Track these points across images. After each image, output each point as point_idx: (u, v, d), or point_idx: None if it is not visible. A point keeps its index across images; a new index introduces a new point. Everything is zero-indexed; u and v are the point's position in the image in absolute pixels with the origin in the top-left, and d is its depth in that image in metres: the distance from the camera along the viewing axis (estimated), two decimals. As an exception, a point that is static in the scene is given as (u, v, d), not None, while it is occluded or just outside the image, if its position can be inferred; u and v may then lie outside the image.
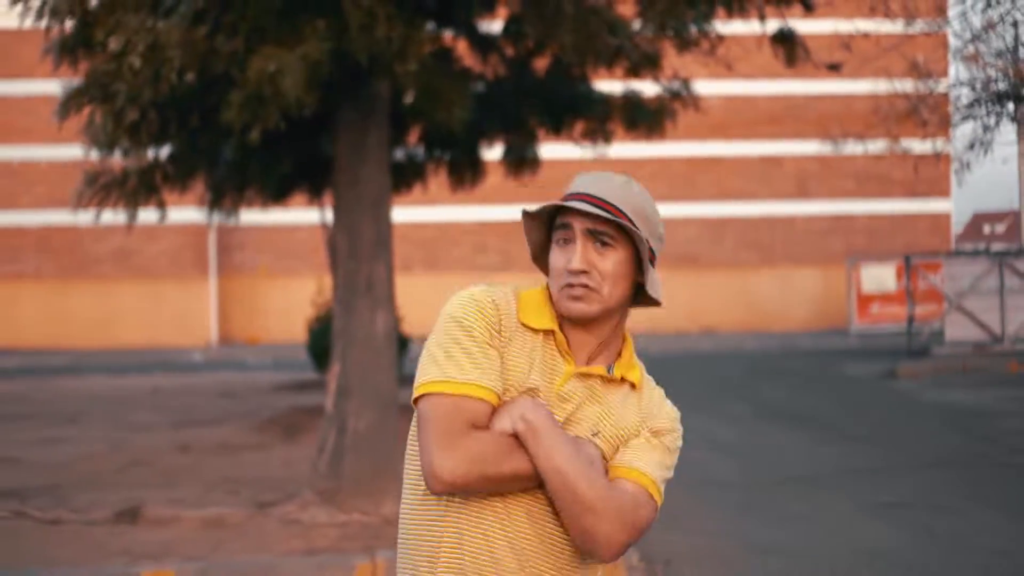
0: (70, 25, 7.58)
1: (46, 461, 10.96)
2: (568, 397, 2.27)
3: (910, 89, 18.49)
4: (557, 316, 2.31)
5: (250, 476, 9.82)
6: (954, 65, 19.42)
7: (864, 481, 9.67)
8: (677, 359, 21.70)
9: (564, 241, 2.27)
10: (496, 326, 2.25)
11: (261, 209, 12.33)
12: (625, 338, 2.39)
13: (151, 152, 9.50)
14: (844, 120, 27.37)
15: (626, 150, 18.05)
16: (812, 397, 16.19)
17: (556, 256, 2.29)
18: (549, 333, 2.30)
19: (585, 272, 2.23)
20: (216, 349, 28.83)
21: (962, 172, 19.20)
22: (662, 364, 2.73)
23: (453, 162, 11.16)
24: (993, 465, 10.46)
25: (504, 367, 2.24)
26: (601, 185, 2.28)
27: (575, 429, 2.25)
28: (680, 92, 10.29)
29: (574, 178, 2.35)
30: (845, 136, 22.44)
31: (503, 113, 10.18)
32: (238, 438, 12.23)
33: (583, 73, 10.13)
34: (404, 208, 19.59)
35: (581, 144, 11.06)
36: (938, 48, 21.43)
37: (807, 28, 10.10)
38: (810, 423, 13.44)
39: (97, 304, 29.66)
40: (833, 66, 9.80)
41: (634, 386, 2.35)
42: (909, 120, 18.76)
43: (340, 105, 8.33)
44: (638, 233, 2.24)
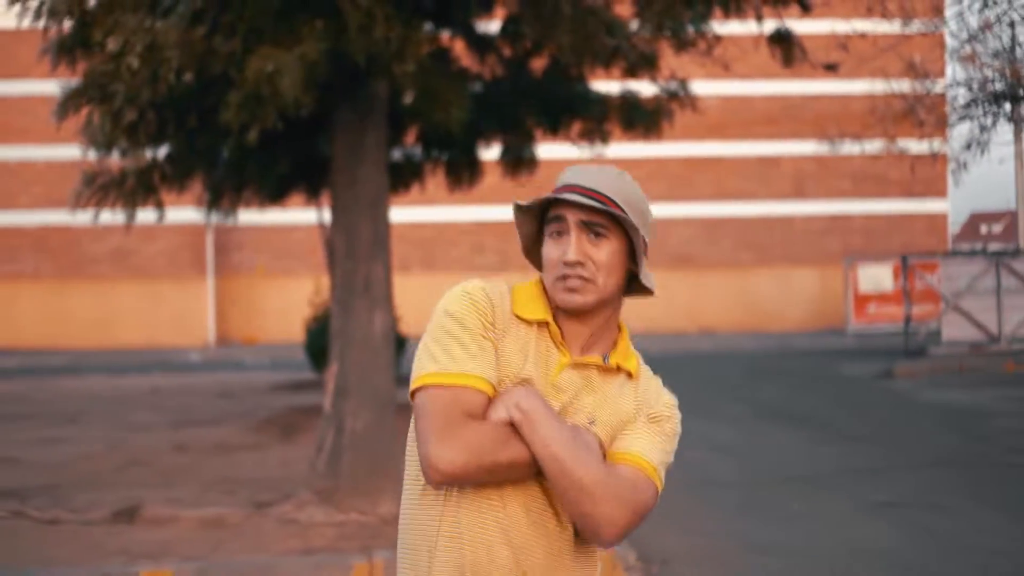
0: (68, 25, 7.58)
1: (45, 461, 10.96)
2: (563, 387, 2.28)
3: (907, 89, 18.54)
4: (551, 308, 2.32)
5: (248, 476, 9.82)
6: (951, 65, 19.45)
7: (862, 481, 9.68)
8: (675, 359, 21.70)
9: (557, 233, 2.28)
10: (490, 318, 2.27)
11: (259, 209, 12.35)
12: (621, 328, 2.40)
13: (149, 152, 9.50)
14: (841, 120, 27.42)
15: (623, 150, 18.06)
16: (810, 397, 16.20)
17: (550, 248, 2.30)
18: (543, 325, 2.31)
19: (580, 263, 2.24)
20: (213, 349, 28.81)
21: (959, 172, 19.26)
22: (660, 364, 2.75)
23: (451, 162, 11.18)
24: (991, 465, 10.47)
25: (499, 359, 2.25)
26: (593, 176, 2.29)
27: (572, 419, 2.26)
28: (677, 92, 10.31)
29: (563, 171, 2.36)
30: (842, 136, 22.50)
31: (500, 113, 10.20)
32: (236, 438, 12.23)
33: (580, 73, 10.14)
34: (402, 208, 19.61)
35: (578, 144, 11.08)
36: (935, 48, 21.49)
37: (804, 28, 10.12)
38: (808, 423, 13.45)
39: (95, 304, 29.65)
40: (830, 66, 9.82)
41: (630, 375, 2.36)
42: (906, 120, 18.82)
43: (338, 105, 8.34)
44: (632, 223, 2.25)
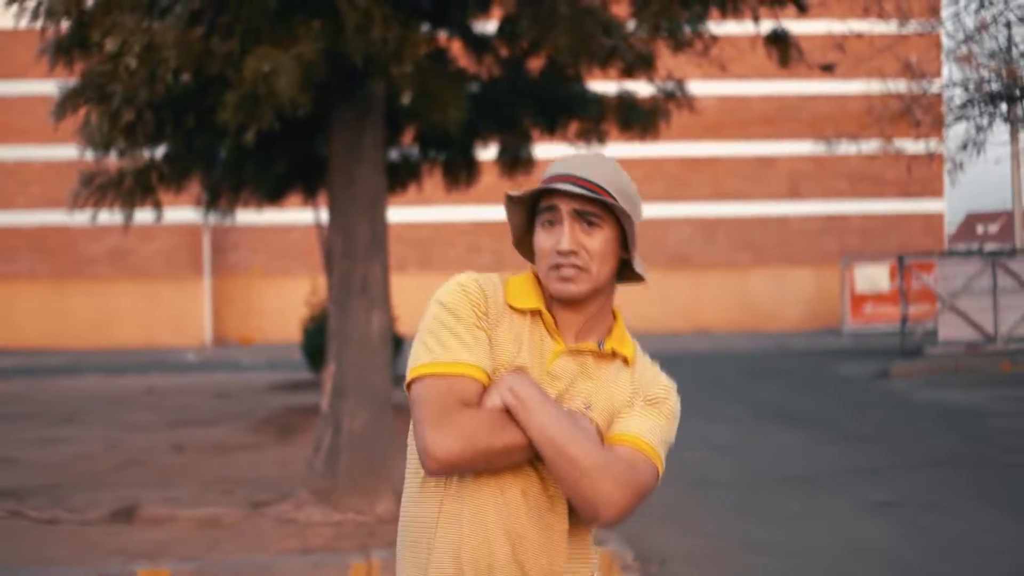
0: (66, 26, 7.58)
1: (43, 461, 10.96)
2: (559, 375, 2.29)
3: (903, 90, 18.58)
4: (544, 297, 2.34)
5: (245, 476, 9.83)
6: (947, 66, 19.50)
7: (861, 480, 9.70)
8: (672, 359, 21.54)
9: (549, 223, 2.29)
10: (483, 308, 2.28)
11: (256, 209, 12.35)
12: (616, 315, 2.41)
13: (147, 152, 9.50)
14: (838, 120, 27.45)
15: (620, 150, 18.06)
16: (808, 397, 16.22)
17: (542, 238, 2.30)
18: (536, 313, 2.33)
19: (574, 252, 2.26)
20: (210, 349, 28.82)
21: (955, 172, 19.33)
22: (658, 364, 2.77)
23: (448, 162, 11.18)
24: (989, 464, 10.50)
25: (493, 348, 2.26)
26: (584, 165, 2.30)
27: (568, 405, 2.26)
28: (674, 93, 10.31)
29: (553, 161, 2.37)
30: (839, 136, 22.53)
31: (498, 113, 10.19)
32: (233, 438, 12.24)
33: (577, 73, 10.14)
34: (399, 208, 19.62)
35: (575, 144, 11.08)
36: (931, 49, 21.50)
37: (801, 29, 10.12)
38: (806, 423, 13.47)
39: (93, 304, 29.65)
40: (827, 67, 9.83)
41: (627, 361, 2.37)
42: (902, 120, 18.85)
43: (335, 106, 8.34)
44: (625, 211, 2.27)
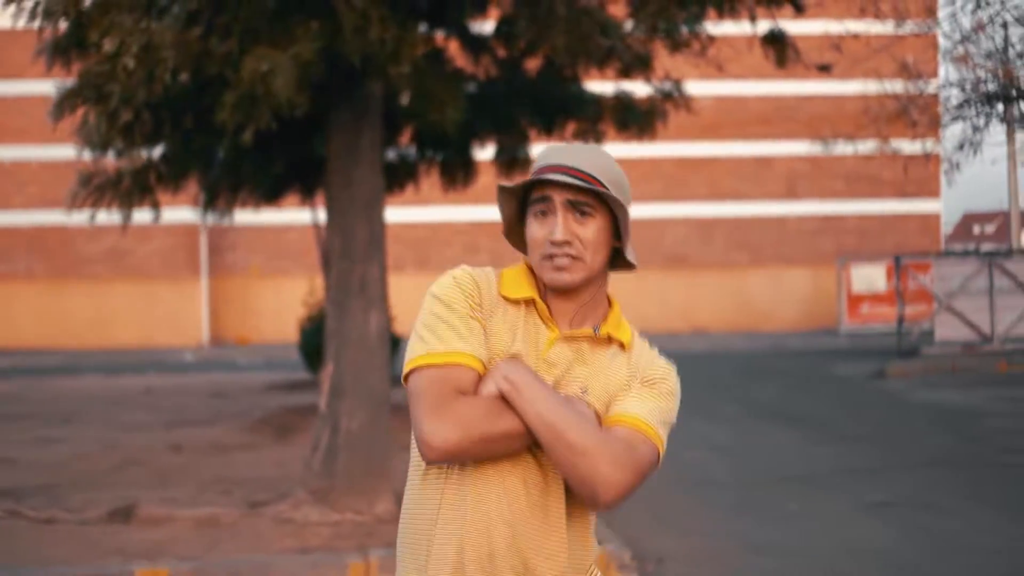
0: (63, 26, 7.58)
1: (40, 461, 10.97)
2: (555, 362, 2.30)
3: (900, 90, 18.61)
4: (538, 286, 2.36)
5: (243, 476, 9.84)
6: (944, 66, 19.54)
7: (858, 480, 9.72)
8: (669, 359, 21.71)
9: (542, 213, 2.31)
10: (476, 299, 2.30)
11: (254, 210, 12.36)
12: (611, 302, 2.42)
13: (145, 153, 9.50)
14: (834, 121, 27.49)
15: (616, 150, 18.08)
16: (804, 397, 16.24)
17: (535, 228, 2.32)
18: (530, 302, 2.34)
19: (568, 242, 2.27)
20: (207, 349, 28.81)
21: (952, 172, 19.36)
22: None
23: (445, 162, 11.19)
24: (985, 465, 10.52)
25: (487, 338, 2.28)
26: (575, 155, 2.31)
27: (565, 391, 2.27)
28: (672, 93, 10.32)
29: (544, 150, 2.38)
30: (835, 137, 22.56)
31: (495, 114, 10.21)
32: (231, 438, 12.25)
33: (574, 74, 10.15)
34: (396, 208, 19.62)
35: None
36: (928, 49, 21.53)
37: (797, 29, 10.14)
38: (803, 423, 13.49)
39: (90, 304, 29.64)
40: (823, 67, 9.85)
41: (623, 346, 2.38)
42: (899, 121, 18.88)
43: (334, 106, 8.34)
44: (618, 200, 2.28)
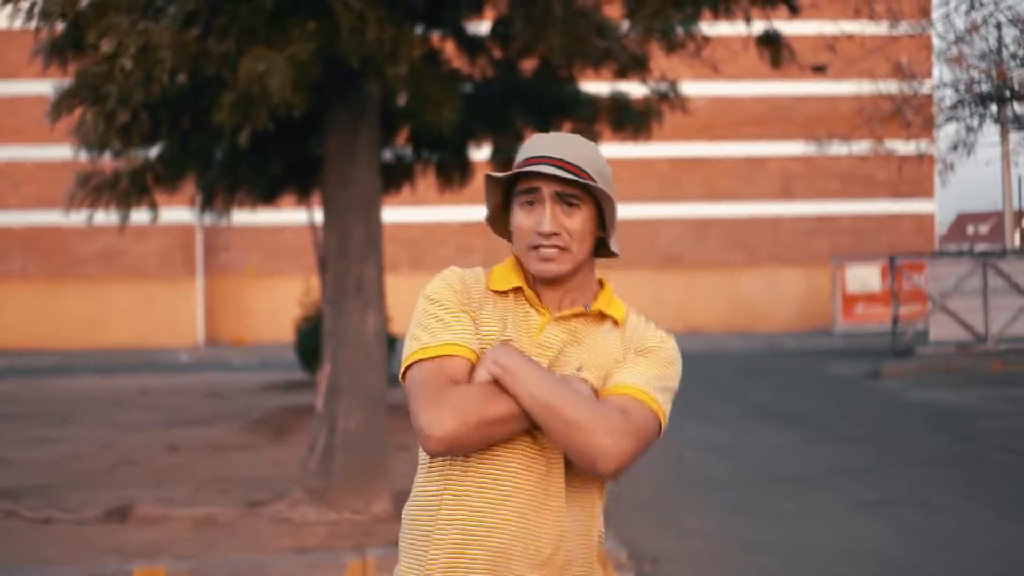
0: (60, 27, 7.58)
1: (37, 461, 10.97)
2: (548, 344, 2.32)
3: (894, 91, 18.66)
4: (525, 276, 2.38)
5: (240, 475, 9.85)
6: (938, 67, 19.59)
7: (854, 480, 9.74)
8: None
9: (529, 203, 2.33)
10: (464, 295, 2.34)
11: (250, 210, 12.36)
12: (603, 283, 2.45)
13: (142, 153, 9.51)
14: (829, 121, 27.57)
15: (612, 150, 18.12)
16: (800, 397, 16.28)
17: (521, 218, 2.34)
18: (518, 291, 2.37)
19: (556, 234, 2.29)
20: (203, 349, 28.81)
21: (946, 173, 19.39)
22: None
23: (441, 163, 11.21)
24: (981, 464, 10.55)
25: (478, 329, 2.31)
26: (562, 146, 2.33)
27: (560, 372, 2.29)
28: (667, 93, 10.34)
29: (530, 140, 2.40)
30: (830, 137, 22.63)
31: (491, 114, 10.22)
32: (227, 438, 12.26)
33: (570, 74, 10.18)
34: (391, 208, 19.59)
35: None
36: (922, 50, 21.61)
37: (792, 30, 10.17)
38: (798, 423, 13.52)
39: (85, 304, 29.62)
40: (818, 68, 9.89)
41: (617, 322, 2.39)
42: (893, 121, 18.94)
43: (331, 106, 8.36)
44: (606, 193, 2.31)
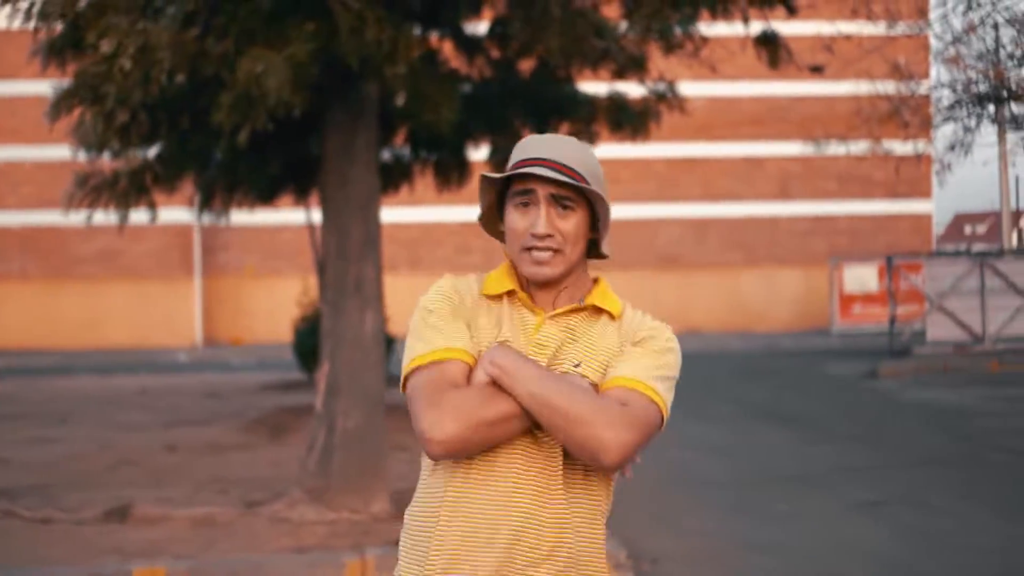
0: (59, 27, 7.59)
1: (35, 461, 10.98)
2: (545, 343, 2.33)
3: (892, 91, 18.67)
4: (518, 278, 2.40)
5: (238, 475, 9.86)
6: (935, 67, 19.63)
7: (852, 480, 9.76)
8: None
9: (523, 204, 2.33)
10: (459, 302, 2.36)
11: (248, 210, 12.36)
12: (597, 280, 2.45)
13: (141, 153, 9.51)
14: (826, 121, 27.58)
15: (610, 150, 18.13)
16: (798, 397, 16.29)
17: (515, 218, 2.34)
18: (512, 294, 2.39)
19: (550, 236, 2.30)
20: (201, 350, 28.80)
21: (943, 173, 19.42)
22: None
23: (439, 163, 11.22)
24: (978, 464, 10.57)
25: (474, 334, 2.32)
26: (557, 149, 2.33)
27: (559, 369, 2.30)
28: (665, 94, 10.35)
29: (524, 142, 2.40)
30: (827, 137, 22.64)
31: (489, 114, 10.22)
32: (226, 438, 12.26)
33: (568, 75, 10.18)
34: (388, 208, 19.59)
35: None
36: (919, 50, 21.63)
37: (790, 30, 10.18)
38: (796, 423, 13.53)
39: (83, 304, 29.60)
40: (816, 68, 9.90)
41: (613, 316, 2.40)
42: (891, 121, 18.94)
43: (329, 106, 8.37)
44: (601, 197, 2.32)
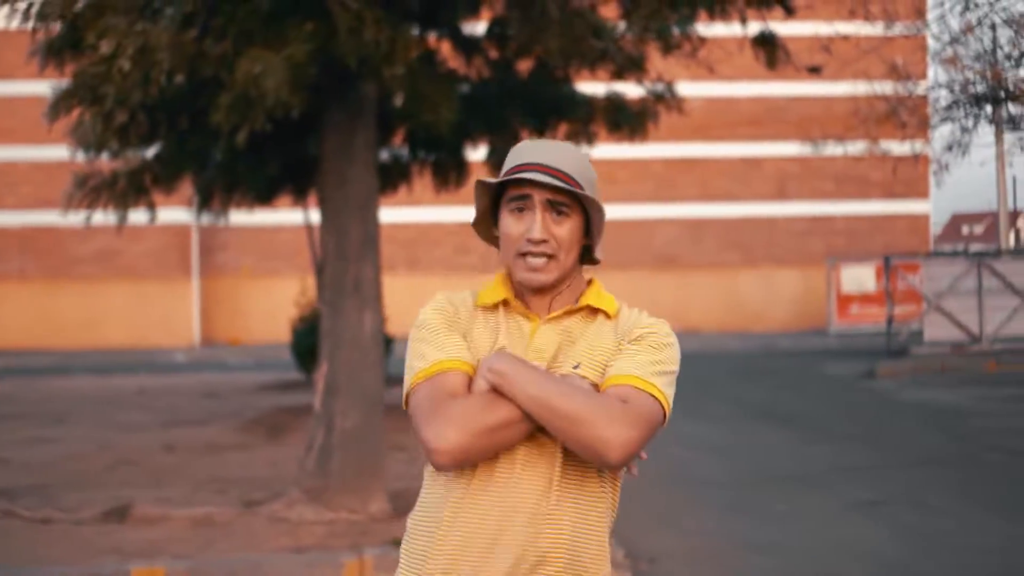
0: (57, 27, 7.59)
1: (34, 461, 10.98)
2: (543, 347, 2.33)
3: (889, 91, 18.72)
4: (513, 287, 2.40)
5: (237, 475, 9.87)
6: (933, 68, 19.68)
7: (850, 480, 9.77)
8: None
9: (519, 210, 2.33)
10: (453, 315, 2.36)
11: (247, 210, 12.38)
12: (591, 281, 2.46)
13: (140, 154, 9.52)
14: (824, 122, 27.59)
15: (608, 151, 18.13)
16: (795, 397, 16.30)
17: (511, 224, 2.34)
18: (506, 303, 2.39)
19: (545, 241, 2.31)
20: (199, 350, 28.79)
21: (940, 173, 19.50)
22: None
23: (438, 163, 11.23)
24: (976, 464, 10.58)
25: (471, 344, 2.33)
26: (553, 154, 2.33)
27: (558, 371, 2.30)
28: (663, 94, 10.36)
29: (519, 147, 2.40)
30: (825, 138, 22.69)
31: (487, 115, 10.23)
32: (224, 438, 12.27)
33: (566, 75, 10.19)
34: (387, 209, 19.60)
35: (564, 146, 11.09)
36: (917, 51, 21.64)
37: (788, 31, 10.19)
38: (794, 423, 13.55)
39: (82, 305, 29.58)
40: (813, 68, 9.91)
41: (609, 315, 2.41)
42: (888, 122, 19.00)
43: (328, 107, 8.37)
44: (596, 203, 2.32)
